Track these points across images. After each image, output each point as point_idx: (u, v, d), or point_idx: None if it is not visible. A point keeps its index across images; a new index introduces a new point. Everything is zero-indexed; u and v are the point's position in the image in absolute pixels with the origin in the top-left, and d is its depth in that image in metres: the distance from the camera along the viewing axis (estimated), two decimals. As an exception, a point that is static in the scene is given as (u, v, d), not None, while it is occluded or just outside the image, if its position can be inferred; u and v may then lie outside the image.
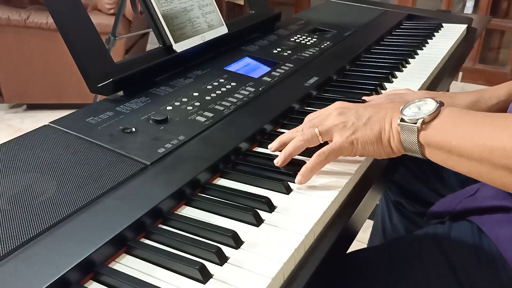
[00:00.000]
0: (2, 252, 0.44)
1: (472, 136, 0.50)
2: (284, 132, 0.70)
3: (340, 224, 0.53)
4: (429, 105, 0.54)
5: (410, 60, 0.99)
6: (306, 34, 1.07)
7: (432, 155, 0.54)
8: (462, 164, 0.52)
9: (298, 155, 0.61)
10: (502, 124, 0.49)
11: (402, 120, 0.55)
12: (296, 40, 1.03)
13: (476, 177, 0.52)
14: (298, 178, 0.57)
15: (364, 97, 0.78)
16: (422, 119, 0.53)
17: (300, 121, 0.72)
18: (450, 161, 0.53)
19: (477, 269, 0.59)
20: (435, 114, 0.53)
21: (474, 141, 0.49)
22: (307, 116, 0.64)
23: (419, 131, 0.53)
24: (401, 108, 0.56)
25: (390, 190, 1.03)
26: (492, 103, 0.74)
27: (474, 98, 0.74)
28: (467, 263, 0.60)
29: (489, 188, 0.64)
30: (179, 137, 0.63)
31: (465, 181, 0.88)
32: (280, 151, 0.61)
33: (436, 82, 0.93)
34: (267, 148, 0.67)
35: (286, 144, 0.62)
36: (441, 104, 0.54)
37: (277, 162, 0.60)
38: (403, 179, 0.97)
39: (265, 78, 0.84)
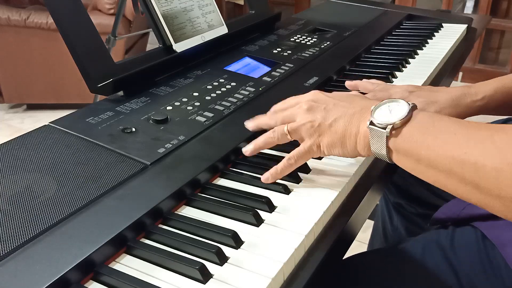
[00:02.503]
0: (2, 252, 0.44)
1: (443, 147, 0.47)
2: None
3: (340, 224, 0.53)
4: (401, 108, 0.51)
5: (410, 60, 0.99)
6: (306, 34, 1.07)
7: (400, 162, 0.52)
8: (429, 174, 0.50)
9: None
10: (476, 137, 0.46)
11: (371, 123, 0.52)
12: (296, 40, 1.03)
13: (441, 188, 0.50)
14: (266, 176, 0.57)
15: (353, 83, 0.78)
16: (392, 125, 0.50)
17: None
18: (417, 170, 0.51)
19: (480, 276, 0.58)
20: (406, 119, 0.50)
21: (444, 152, 0.47)
22: (276, 105, 0.64)
23: (388, 137, 0.51)
24: (372, 108, 0.53)
25: (389, 192, 1.02)
26: (477, 98, 0.71)
27: (459, 93, 0.72)
28: (471, 269, 0.59)
29: None
30: (179, 137, 0.63)
31: None
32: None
33: (436, 82, 0.93)
34: (267, 148, 0.67)
35: (260, 128, 0.63)
36: (413, 107, 0.51)
37: (245, 151, 0.61)
38: (403, 181, 0.97)
39: (265, 78, 0.84)
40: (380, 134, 0.51)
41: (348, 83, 0.80)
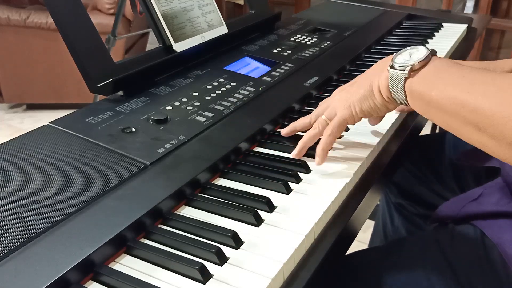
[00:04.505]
0: (2, 252, 0.44)
1: (449, 88, 0.49)
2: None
3: (340, 224, 0.53)
4: (420, 53, 0.54)
5: (410, 60, 0.99)
6: (306, 34, 1.07)
7: (414, 104, 0.54)
8: (437, 115, 0.51)
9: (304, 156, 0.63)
10: (481, 80, 0.47)
11: (392, 67, 0.55)
12: (296, 40, 1.03)
13: (448, 130, 0.51)
14: (316, 160, 0.61)
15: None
16: (411, 66, 0.53)
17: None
18: (429, 112, 0.53)
19: (479, 274, 0.59)
20: (424, 63, 0.53)
21: (449, 93, 0.49)
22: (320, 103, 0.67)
23: (406, 78, 0.53)
24: (393, 56, 0.56)
25: (391, 192, 1.02)
26: None
27: (479, 67, 0.73)
28: (470, 267, 0.59)
29: (493, 193, 0.64)
30: (179, 137, 0.63)
31: (464, 182, 0.87)
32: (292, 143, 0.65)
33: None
34: (267, 148, 0.67)
35: (297, 130, 0.66)
36: (432, 52, 0.54)
37: (293, 154, 0.63)
38: (404, 181, 0.97)
39: (265, 78, 0.84)
40: (399, 76, 0.54)
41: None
